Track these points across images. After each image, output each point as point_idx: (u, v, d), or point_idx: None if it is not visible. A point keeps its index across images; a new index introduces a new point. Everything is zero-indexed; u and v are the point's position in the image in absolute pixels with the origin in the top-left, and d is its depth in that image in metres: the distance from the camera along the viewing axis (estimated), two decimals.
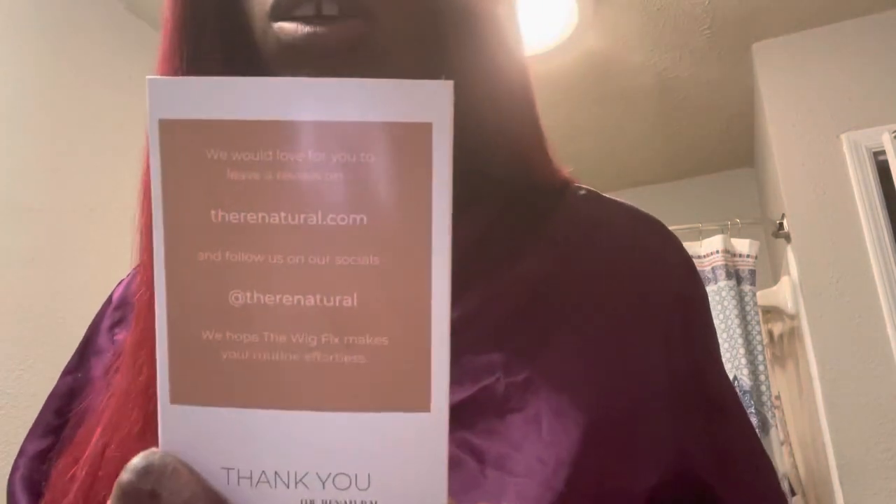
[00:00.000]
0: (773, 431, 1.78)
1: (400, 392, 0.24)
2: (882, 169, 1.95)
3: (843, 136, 2.04)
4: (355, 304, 0.24)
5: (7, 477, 0.53)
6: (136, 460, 0.24)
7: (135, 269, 0.50)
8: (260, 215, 0.23)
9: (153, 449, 0.24)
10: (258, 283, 0.24)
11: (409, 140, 0.23)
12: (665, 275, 0.45)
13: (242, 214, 0.23)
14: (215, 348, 0.24)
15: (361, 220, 0.23)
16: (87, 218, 1.78)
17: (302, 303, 0.24)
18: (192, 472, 0.24)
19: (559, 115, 2.66)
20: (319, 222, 0.23)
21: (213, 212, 0.24)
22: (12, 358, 1.53)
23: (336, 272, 0.24)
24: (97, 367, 0.51)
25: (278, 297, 0.24)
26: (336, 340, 0.24)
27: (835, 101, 2.10)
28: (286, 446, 0.24)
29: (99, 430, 0.40)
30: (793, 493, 1.88)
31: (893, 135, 1.87)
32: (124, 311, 0.52)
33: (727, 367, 1.81)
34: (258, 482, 0.24)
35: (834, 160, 2.04)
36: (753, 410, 1.75)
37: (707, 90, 2.53)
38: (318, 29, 0.36)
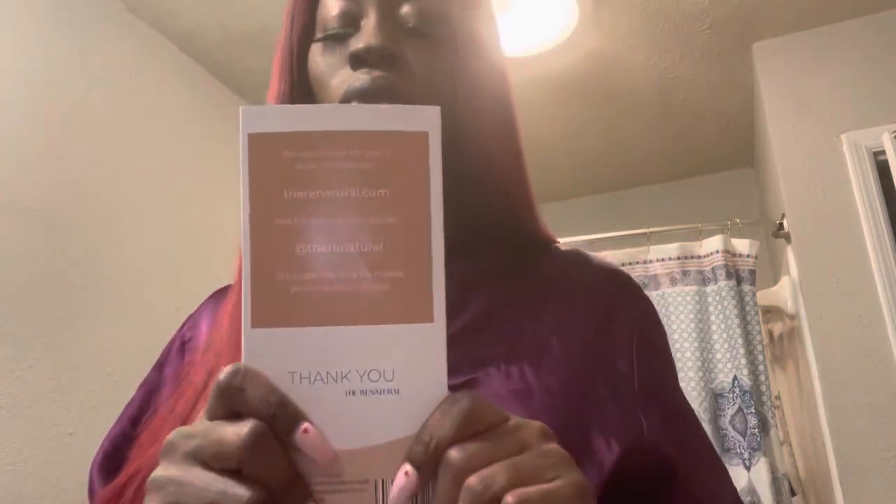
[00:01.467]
0: (773, 431, 1.78)
1: (413, 309, 0.36)
2: (882, 169, 1.95)
3: (843, 136, 2.04)
4: (382, 249, 0.36)
5: (6, 479, 0.65)
6: (229, 368, 0.35)
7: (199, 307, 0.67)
8: (317, 192, 0.36)
9: (238, 362, 0.35)
10: (315, 237, 0.36)
11: (414, 142, 0.37)
12: (632, 303, 0.58)
13: (305, 192, 0.36)
14: (285, 285, 0.36)
15: (385, 193, 0.36)
16: (87, 218, 1.78)
17: (345, 250, 0.36)
18: (265, 375, 0.35)
19: (559, 115, 2.66)
20: (357, 195, 0.36)
21: (285, 191, 0.37)
22: (12, 358, 1.53)
23: (368, 228, 0.36)
24: (168, 373, 0.64)
25: (329, 246, 0.36)
26: (368, 275, 0.36)
27: (835, 101, 2.10)
28: (334, 352, 0.35)
29: (173, 411, 0.52)
30: (793, 493, 1.88)
31: (893, 135, 1.87)
32: (194, 332, 0.65)
33: (727, 366, 1.81)
34: (314, 380, 0.35)
35: (834, 160, 2.04)
36: (753, 410, 1.75)
37: (707, 90, 2.53)
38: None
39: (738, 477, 1.73)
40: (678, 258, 1.97)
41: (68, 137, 1.78)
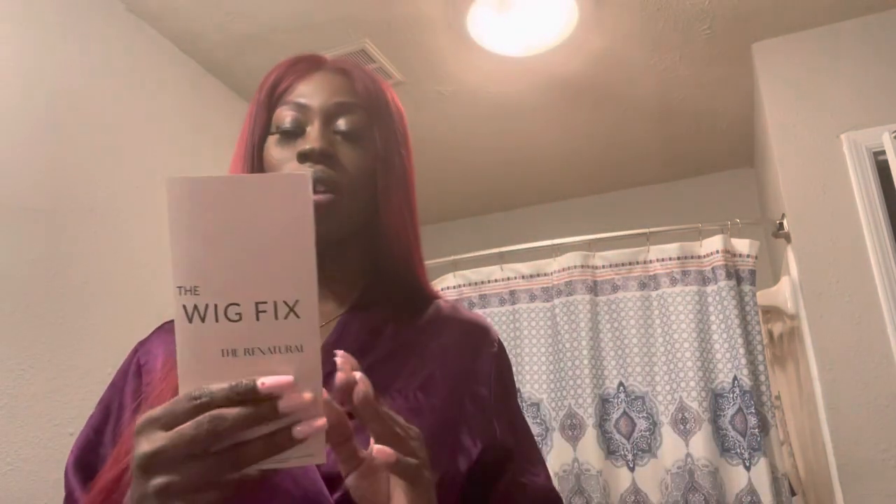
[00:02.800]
0: (773, 431, 1.78)
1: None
2: (882, 169, 1.95)
3: (843, 136, 2.04)
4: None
5: (6, 479, 0.75)
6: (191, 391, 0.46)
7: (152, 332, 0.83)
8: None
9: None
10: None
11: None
12: (490, 345, 0.79)
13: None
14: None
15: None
16: (88, 218, 1.78)
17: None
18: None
19: (559, 115, 2.66)
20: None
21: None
22: (12, 358, 1.53)
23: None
24: (128, 392, 0.74)
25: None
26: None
27: (835, 101, 2.10)
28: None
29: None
30: (793, 493, 1.88)
31: (893, 135, 1.87)
32: (148, 357, 0.77)
33: (727, 366, 1.81)
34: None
35: (834, 160, 2.04)
36: (753, 410, 1.75)
37: (707, 90, 2.53)
38: (315, 198, 0.67)
39: (739, 477, 1.73)
40: (678, 258, 1.97)
41: (68, 137, 1.78)
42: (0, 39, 1.64)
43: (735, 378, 1.79)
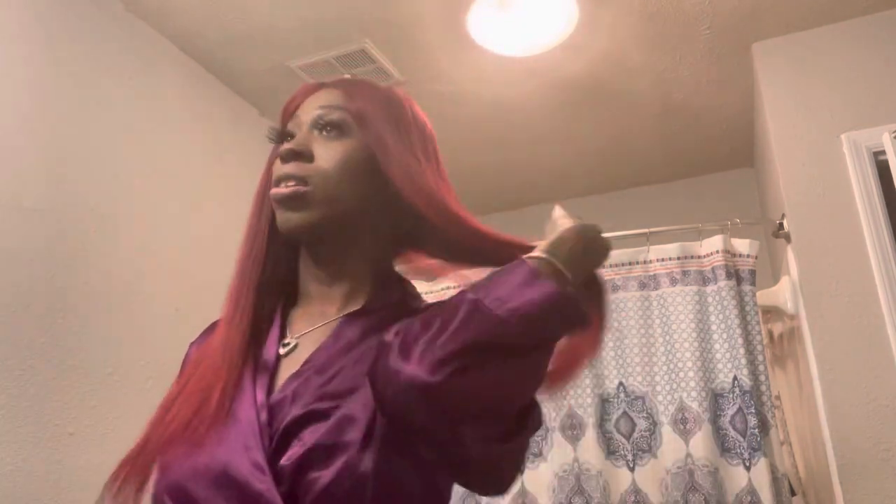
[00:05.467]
0: (773, 431, 1.77)
1: None
2: (882, 169, 1.95)
3: (843, 136, 2.04)
4: None
5: (7, 479, 0.84)
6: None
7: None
8: None
9: None
10: None
11: None
12: None
13: None
14: None
15: None
16: (87, 218, 1.78)
17: None
18: None
19: (559, 115, 2.66)
20: None
21: None
22: (12, 358, 1.53)
23: None
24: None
25: None
26: None
27: (835, 101, 2.10)
28: None
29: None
30: (793, 493, 1.88)
31: (893, 135, 1.87)
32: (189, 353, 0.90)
33: (727, 366, 1.81)
34: None
35: (834, 160, 2.04)
36: (753, 410, 1.75)
37: (707, 90, 2.53)
38: (282, 189, 0.77)
39: (739, 477, 1.73)
40: (678, 258, 1.97)
41: (68, 137, 1.78)
42: (0, 40, 1.64)
43: (735, 378, 1.79)
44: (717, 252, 1.92)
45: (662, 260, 1.99)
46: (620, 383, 1.90)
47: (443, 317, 0.64)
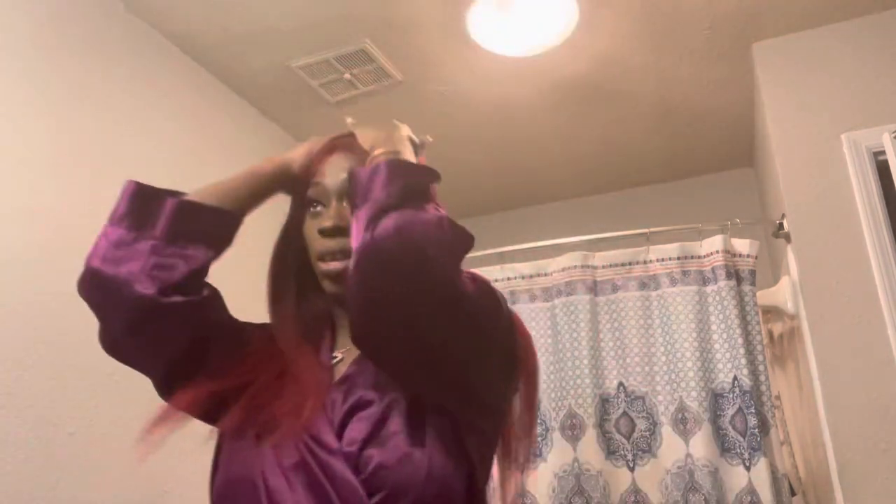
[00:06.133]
0: (773, 431, 1.78)
1: None
2: (882, 169, 1.95)
3: (843, 136, 2.04)
4: None
5: (6, 479, 0.84)
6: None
7: None
8: None
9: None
10: None
11: None
12: None
13: None
14: None
15: None
16: (87, 218, 1.78)
17: None
18: None
19: (559, 115, 2.66)
20: None
21: None
22: (12, 358, 1.53)
23: None
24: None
25: None
26: None
27: (835, 101, 2.10)
28: None
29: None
30: (793, 493, 1.88)
31: (893, 135, 1.87)
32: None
33: (727, 366, 1.81)
34: None
35: (834, 160, 2.04)
36: (753, 410, 1.75)
37: (707, 90, 2.53)
38: (332, 265, 0.87)
39: (739, 477, 1.73)
40: (678, 258, 1.97)
41: (68, 137, 1.78)
42: None
43: (735, 378, 1.79)
44: (717, 252, 1.92)
45: (662, 260, 1.99)
46: (620, 383, 1.90)
47: None
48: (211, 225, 0.91)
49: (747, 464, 1.72)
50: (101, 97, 1.90)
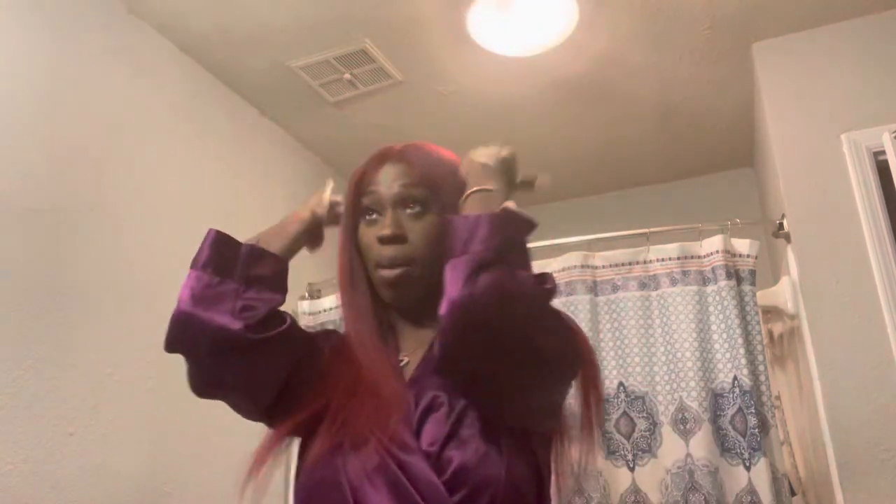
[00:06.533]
0: (773, 431, 1.78)
1: None
2: (882, 169, 1.95)
3: (843, 136, 2.04)
4: None
5: (6, 479, 0.83)
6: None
7: None
8: None
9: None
10: None
11: None
12: None
13: None
14: None
15: None
16: (87, 218, 1.78)
17: None
18: None
19: (559, 115, 2.66)
20: None
21: None
22: (12, 358, 1.53)
23: None
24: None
25: None
26: None
27: (835, 101, 2.10)
28: None
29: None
30: (793, 493, 1.88)
31: (893, 135, 1.87)
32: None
33: (727, 366, 1.81)
34: None
35: (834, 160, 2.04)
36: (753, 410, 1.75)
37: (707, 90, 2.53)
38: (391, 272, 0.92)
39: (739, 477, 1.73)
40: (678, 258, 1.97)
41: (68, 138, 1.78)
42: (0, 40, 1.64)
43: (735, 378, 1.79)
44: (717, 252, 1.92)
45: (662, 260, 1.99)
46: (620, 383, 1.90)
47: None
48: (277, 270, 0.97)
49: (747, 464, 1.72)
50: (101, 97, 1.90)
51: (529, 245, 0.89)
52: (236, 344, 0.88)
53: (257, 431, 0.97)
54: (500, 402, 0.82)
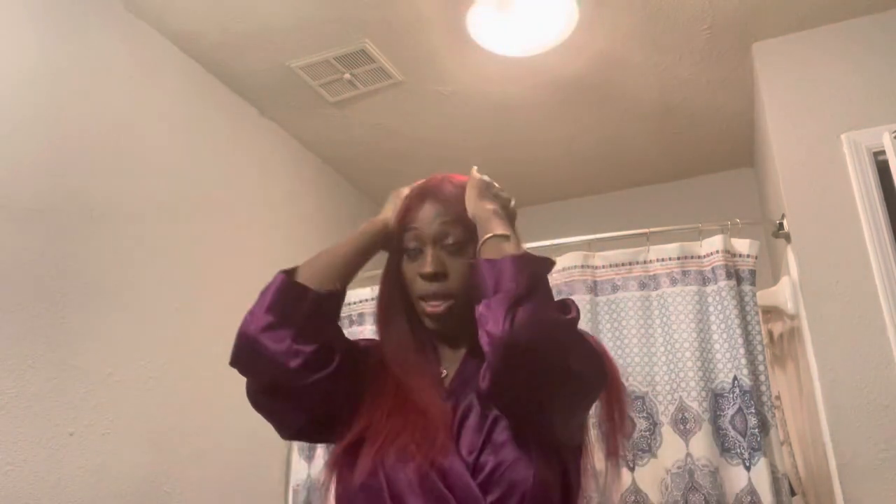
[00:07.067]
0: (773, 431, 1.77)
1: None
2: (882, 169, 1.95)
3: (843, 136, 2.04)
4: None
5: (6, 479, 0.86)
6: None
7: None
8: None
9: None
10: None
11: None
12: None
13: None
14: None
15: None
16: (87, 218, 1.78)
17: None
18: None
19: (559, 115, 2.66)
20: None
21: None
22: (12, 358, 1.53)
23: None
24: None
25: None
26: None
27: (835, 101, 2.10)
28: None
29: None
30: (793, 493, 1.88)
31: (893, 135, 1.87)
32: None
33: (727, 366, 1.81)
34: None
35: (834, 160, 2.04)
36: (753, 410, 1.75)
37: (707, 90, 2.53)
38: (434, 307, 1.02)
39: (739, 477, 1.73)
40: (678, 258, 1.97)
41: (68, 138, 1.78)
42: (0, 40, 1.64)
43: (735, 378, 1.79)
44: (717, 252, 1.92)
45: (662, 260, 1.98)
46: None
47: None
48: (334, 307, 1.05)
49: (747, 464, 1.72)
50: (100, 97, 1.90)
51: (529, 245, 0.92)
52: (283, 378, 0.96)
53: (257, 432, 0.97)
54: (542, 422, 0.89)
